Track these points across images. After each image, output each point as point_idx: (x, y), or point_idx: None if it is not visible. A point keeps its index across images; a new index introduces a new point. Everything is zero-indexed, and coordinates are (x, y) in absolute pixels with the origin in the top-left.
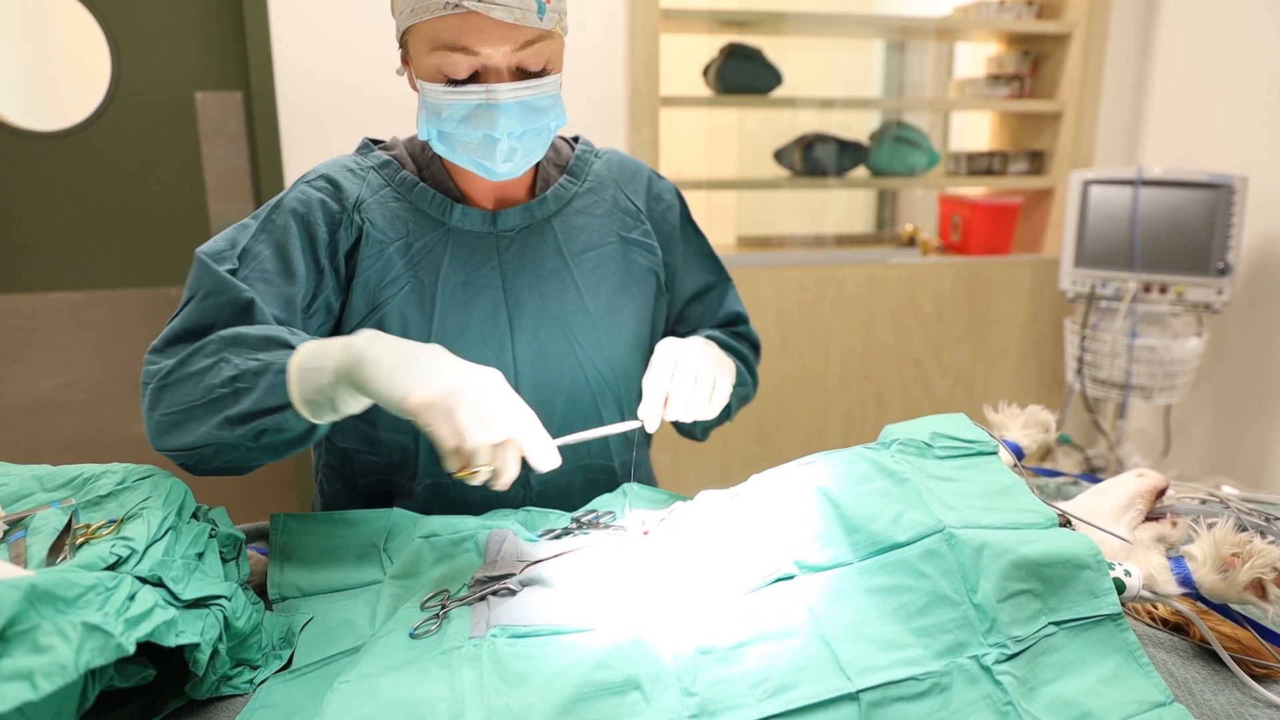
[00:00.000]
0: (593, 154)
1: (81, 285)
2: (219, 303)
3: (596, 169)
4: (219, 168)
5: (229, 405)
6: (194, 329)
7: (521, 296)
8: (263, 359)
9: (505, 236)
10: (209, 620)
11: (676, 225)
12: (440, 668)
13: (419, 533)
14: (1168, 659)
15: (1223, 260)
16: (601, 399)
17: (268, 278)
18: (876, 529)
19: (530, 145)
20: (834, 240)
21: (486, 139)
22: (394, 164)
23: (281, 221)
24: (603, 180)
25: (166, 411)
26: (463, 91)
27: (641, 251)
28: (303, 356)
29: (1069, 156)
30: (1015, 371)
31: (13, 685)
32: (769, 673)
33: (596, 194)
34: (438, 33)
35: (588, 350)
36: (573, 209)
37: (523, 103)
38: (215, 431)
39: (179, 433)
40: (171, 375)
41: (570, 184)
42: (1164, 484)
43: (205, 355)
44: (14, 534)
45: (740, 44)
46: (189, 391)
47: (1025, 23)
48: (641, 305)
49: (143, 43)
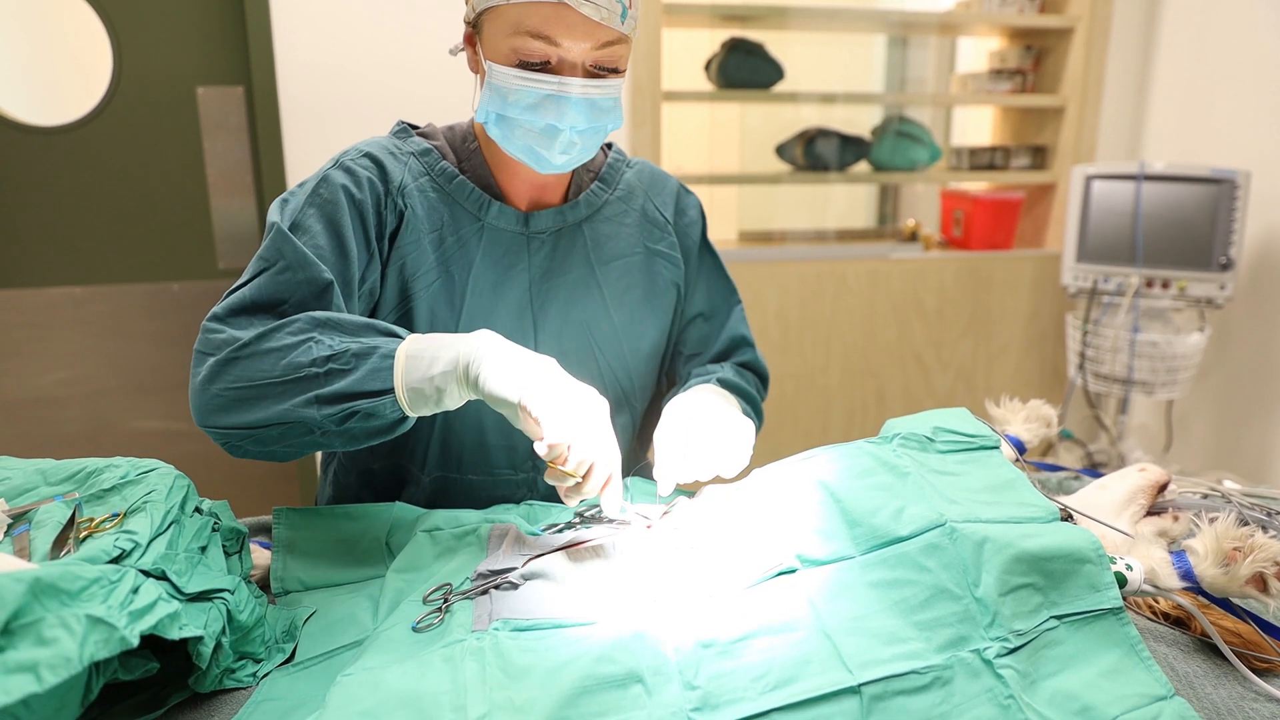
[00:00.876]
0: (624, 163)
1: (83, 280)
2: (297, 279)
3: (628, 178)
4: (220, 163)
5: (320, 385)
6: (265, 301)
7: (547, 300)
8: (365, 342)
9: (537, 238)
10: (212, 614)
11: (696, 242)
12: (443, 661)
13: (421, 527)
14: (1169, 653)
15: (1225, 255)
16: (617, 406)
17: (321, 255)
18: (878, 523)
19: (588, 142)
20: (835, 235)
21: (549, 129)
22: (434, 153)
23: (330, 196)
24: (633, 189)
25: (232, 385)
26: (536, 79)
27: (666, 264)
28: (411, 346)
29: (1071, 151)
30: (1017, 367)
31: (18, 677)
32: (771, 666)
33: (626, 203)
34: (523, 18)
35: (609, 358)
36: (603, 216)
37: (590, 100)
38: (296, 410)
39: (243, 409)
40: (247, 349)
41: (602, 191)
42: (1166, 479)
43: (290, 333)
44: (18, 528)
45: (742, 39)
46: (267, 367)
47: (1028, 17)
48: (662, 318)
49: (144, 38)
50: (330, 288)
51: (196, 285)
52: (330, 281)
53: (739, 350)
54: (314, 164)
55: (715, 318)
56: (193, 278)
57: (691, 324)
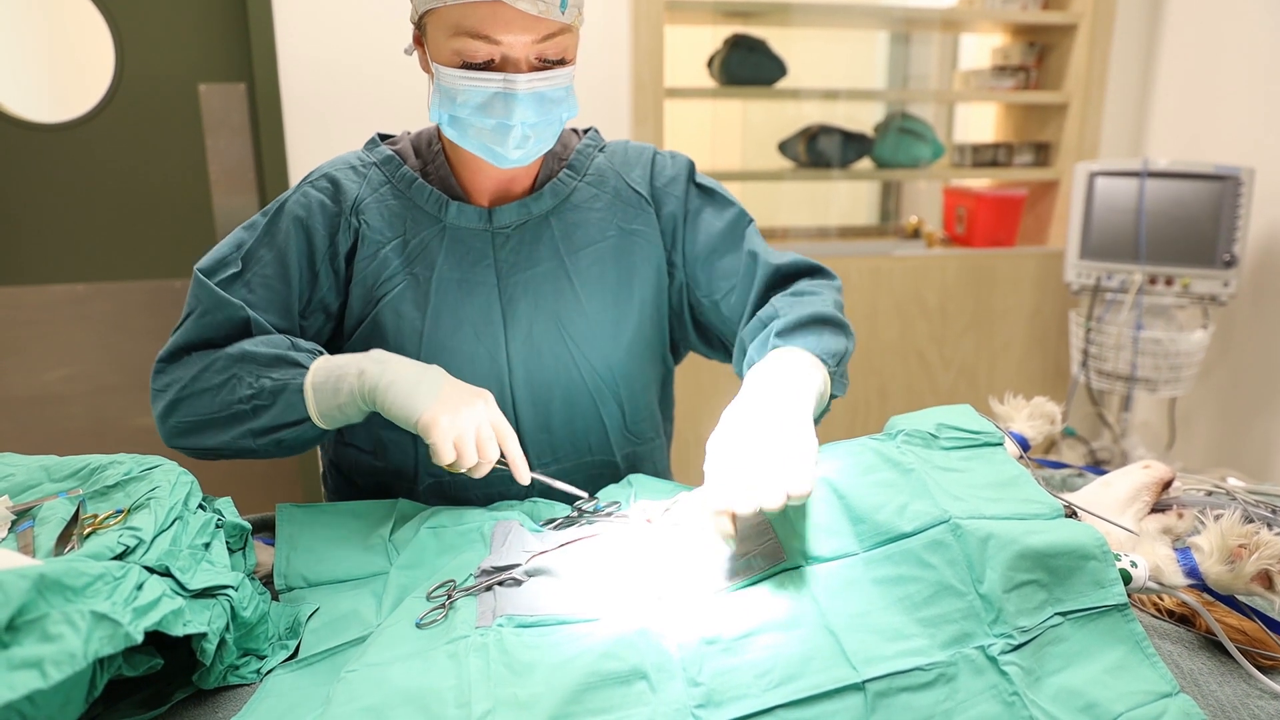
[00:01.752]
0: (596, 147)
1: (85, 277)
2: (217, 319)
3: (598, 162)
4: (222, 159)
5: (250, 420)
6: (196, 342)
7: (515, 294)
8: (277, 378)
9: (501, 234)
10: (216, 610)
11: (681, 195)
12: (447, 657)
13: (425, 523)
14: (1173, 650)
15: (1229, 252)
16: (600, 398)
17: (268, 283)
18: (882, 519)
19: (542, 134)
20: (838, 232)
21: (500, 126)
22: (395, 160)
23: (284, 226)
24: (604, 173)
25: (183, 420)
26: (480, 78)
27: (643, 243)
28: (315, 377)
29: (1074, 148)
30: (1020, 364)
31: (23, 673)
32: (774, 663)
33: (597, 188)
34: (461, 18)
35: (584, 350)
36: (571, 204)
37: (538, 93)
38: (238, 440)
39: (197, 437)
40: (185, 389)
41: (570, 179)
42: (1170, 476)
43: (216, 371)
44: (22, 524)
45: (744, 35)
46: (206, 405)
47: (1031, 14)
48: (642, 303)
49: (147, 35)
50: (248, 322)
51: None
52: (247, 317)
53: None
54: (315, 160)
55: (726, 250)
56: None
57: (703, 265)
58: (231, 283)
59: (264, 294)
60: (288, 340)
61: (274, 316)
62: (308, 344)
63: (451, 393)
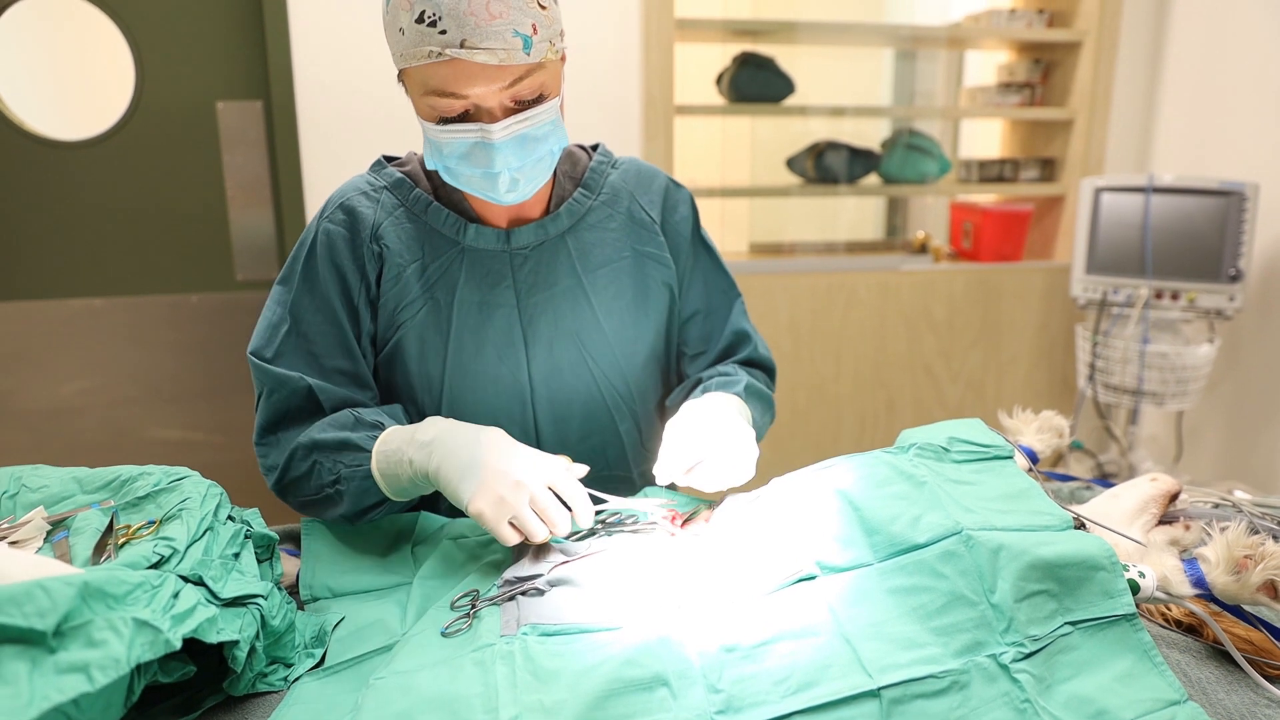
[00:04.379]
0: (609, 164)
1: (103, 292)
2: (283, 396)
3: (612, 180)
4: (239, 175)
5: (340, 505)
6: (275, 421)
7: (535, 314)
8: (349, 464)
9: (519, 254)
10: (246, 618)
11: (688, 239)
12: (473, 664)
13: (447, 535)
14: (1182, 659)
15: (1234, 267)
16: (617, 413)
17: (322, 329)
18: (896, 531)
19: (532, 173)
20: (846, 247)
21: (486, 174)
22: (407, 183)
23: (318, 270)
24: (618, 192)
25: (296, 502)
26: (458, 130)
27: (656, 265)
28: (379, 464)
29: (1080, 164)
30: (1027, 378)
31: (70, 677)
32: (792, 670)
33: (611, 206)
34: (426, 78)
35: (602, 367)
36: (587, 224)
37: (519, 137)
38: (340, 517)
39: (317, 512)
40: (285, 475)
41: (585, 198)
42: (1177, 488)
43: (299, 460)
44: (57, 534)
45: (753, 53)
46: (305, 490)
47: (1036, 31)
48: (656, 321)
49: (166, 54)
50: (310, 390)
51: (215, 297)
52: (308, 386)
53: (742, 346)
54: (329, 176)
55: (715, 314)
56: (211, 289)
57: (690, 322)
58: (290, 340)
59: (323, 342)
60: (351, 417)
61: (339, 360)
62: (370, 416)
63: (492, 478)
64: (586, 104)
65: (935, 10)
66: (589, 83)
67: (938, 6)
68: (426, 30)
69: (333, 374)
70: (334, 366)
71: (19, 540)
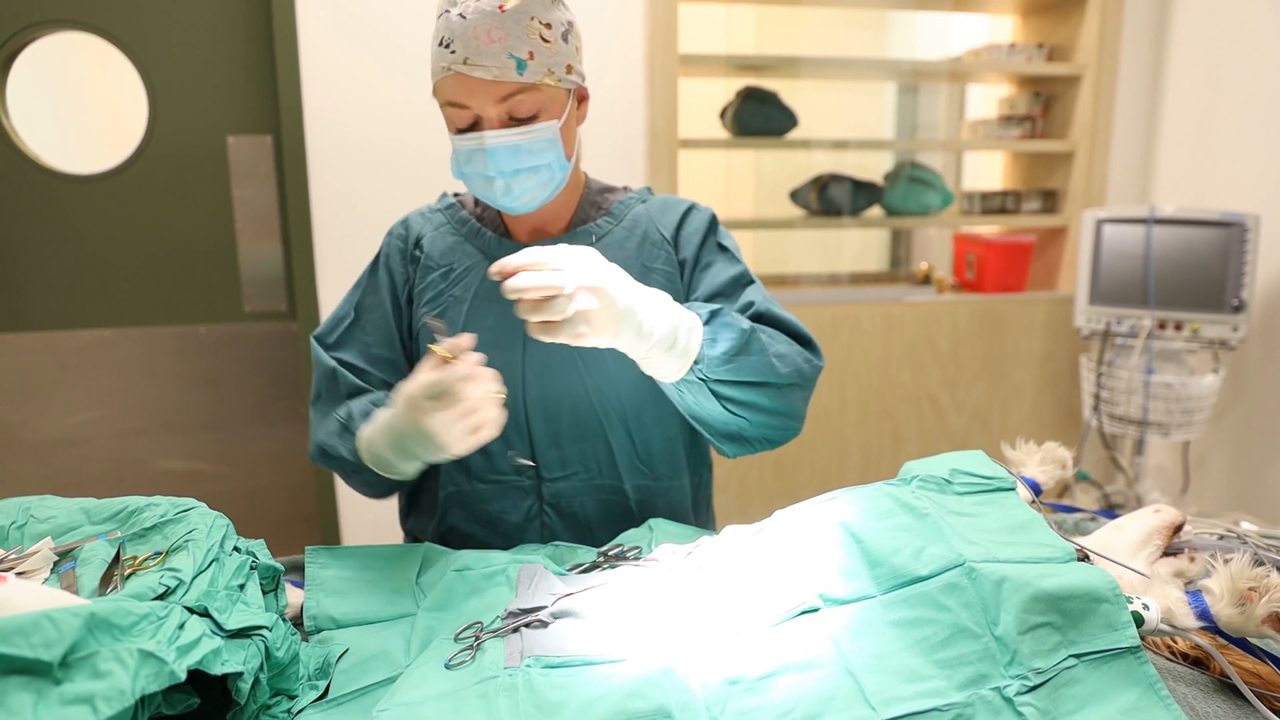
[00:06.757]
0: (639, 199)
1: (113, 323)
2: (318, 374)
3: (637, 210)
4: (249, 208)
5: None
6: (314, 396)
7: None
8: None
9: None
10: (251, 650)
11: (698, 244)
12: (477, 697)
13: (451, 566)
14: (1188, 693)
15: (1237, 297)
16: (607, 423)
17: (377, 323)
18: (898, 563)
19: (526, 182)
20: (849, 279)
21: (484, 178)
22: (456, 205)
23: (379, 273)
24: (639, 219)
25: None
26: (465, 138)
27: (662, 279)
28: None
29: (1081, 195)
30: (1031, 408)
31: (75, 709)
32: (796, 703)
33: (630, 230)
34: (442, 91)
35: (594, 375)
36: (603, 244)
37: (511, 146)
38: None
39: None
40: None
41: (607, 223)
42: (1181, 519)
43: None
44: (64, 565)
45: (756, 87)
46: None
47: (1036, 65)
48: None
49: (179, 89)
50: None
51: (222, 328)
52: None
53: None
54: (337, 210)
55: (720, 299)
56: (219, 320)
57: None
58: (351, 331)
59: (375, 333)
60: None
61: (384, 350)
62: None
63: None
64: (593, 138)
65: (936, 45)
66: (594, 118)
67: (939, 41)
68: (442, 51)
69: (378, 361)
70: (379, 355)
71: (26, 571)
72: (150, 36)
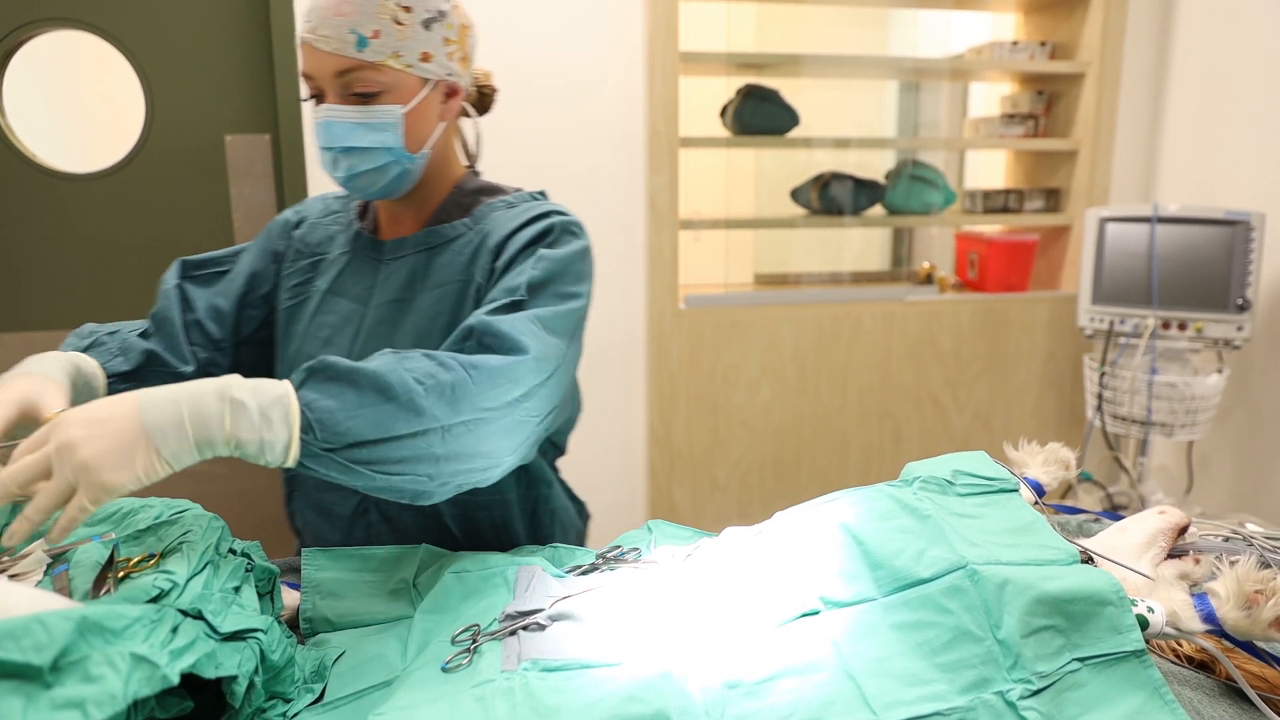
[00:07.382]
0: (509, 203)
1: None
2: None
3: (499, 214)
4: (246, 207)
5: None
6: None
7: (371, 318)
8: None
9: (386, 263)
10: (246, 653)
11: (518, 249)
12: (474, 700)
13: (448, 568)
14: (1194, 696)
15: (1241, 296)
16: None
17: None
18: (900, 565)
19: (358, 161)
20: (851, 278)
21: (324, 151)
22: (354, 200)
23: (261, 238)
24: (493, 225)
25: None
26: (312, 109)
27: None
28: None
29: (1085, 194)
30: (1034, 408)
31: (66, 713)
32: (795, 707)
33: (479, 235)
34: (300, 60)
35: None
36: (451, 248)
37: (344, 123)
38: None
39: None
40: None
41: (463, 226)
42: (1186, 521)
43: None
44: (57, 567)
45: (757, 86)
46: None
47: (1039, 63)
48: None
49: (176, 88)
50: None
51: None
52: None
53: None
54: None
55: None
56: None
57: None
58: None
59: (224, 284)
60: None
61: (221, 300)
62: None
63: None
64: (592, 137)
65: (938, 43)
66: (595, 116)
67: (941, 39)
68: (303, 21)
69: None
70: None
71: (19, 573)
72: (148, 35)
